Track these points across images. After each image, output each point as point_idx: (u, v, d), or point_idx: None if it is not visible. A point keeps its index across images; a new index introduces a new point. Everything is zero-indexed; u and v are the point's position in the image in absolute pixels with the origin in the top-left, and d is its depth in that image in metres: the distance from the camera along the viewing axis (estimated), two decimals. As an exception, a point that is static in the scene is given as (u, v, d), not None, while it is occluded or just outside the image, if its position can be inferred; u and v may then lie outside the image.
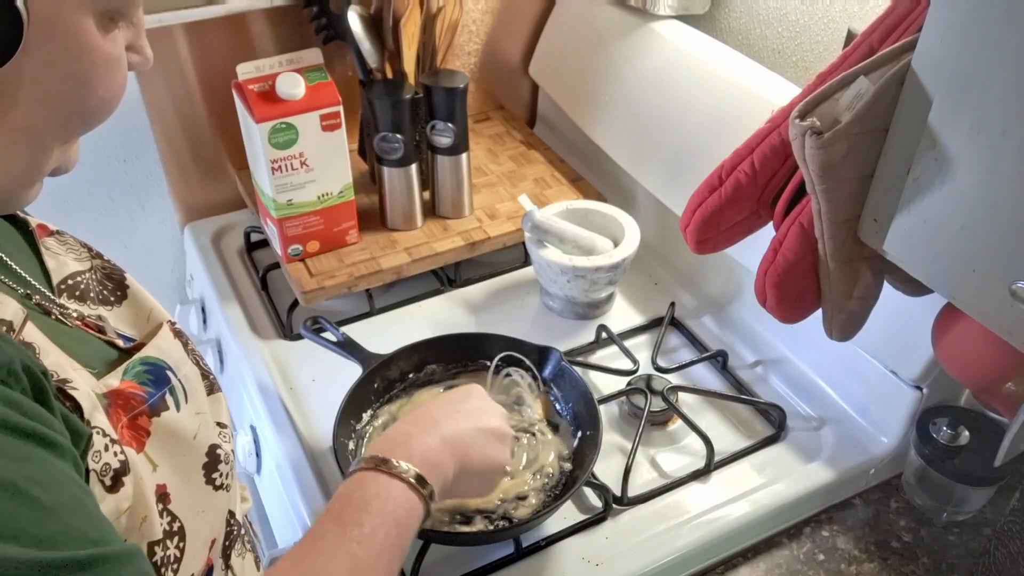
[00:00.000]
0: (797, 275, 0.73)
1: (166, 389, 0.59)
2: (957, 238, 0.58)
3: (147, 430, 0.56)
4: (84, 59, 0.49)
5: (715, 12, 1.18)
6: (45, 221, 0.67)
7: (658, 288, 1.17)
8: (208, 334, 1.21)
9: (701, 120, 1.04)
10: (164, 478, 0.56)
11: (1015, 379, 0.71)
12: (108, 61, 0.51)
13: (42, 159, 0.52)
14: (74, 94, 0.50)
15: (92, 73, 0.50)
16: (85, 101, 0.51)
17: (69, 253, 0.65)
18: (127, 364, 0.57)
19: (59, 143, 0.52)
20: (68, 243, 0.66)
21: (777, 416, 0.96)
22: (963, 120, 0.55)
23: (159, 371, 0.59)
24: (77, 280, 0.63)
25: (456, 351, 0.98)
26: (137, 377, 0.57)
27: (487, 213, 1.18)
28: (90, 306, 0.63)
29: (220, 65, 1.15)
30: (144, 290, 0.69)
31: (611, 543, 0.84)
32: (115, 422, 0.53)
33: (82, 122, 0.52)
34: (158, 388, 0.58)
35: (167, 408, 0.58)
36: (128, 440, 0.54)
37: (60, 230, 0.66)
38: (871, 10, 0.95)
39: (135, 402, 0.56)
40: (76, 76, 0.49)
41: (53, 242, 0.64)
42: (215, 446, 0.62)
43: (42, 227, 0.64)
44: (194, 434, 0.60)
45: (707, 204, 0.79)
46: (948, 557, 0.86)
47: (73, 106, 0.51)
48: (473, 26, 1.33)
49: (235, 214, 1.28)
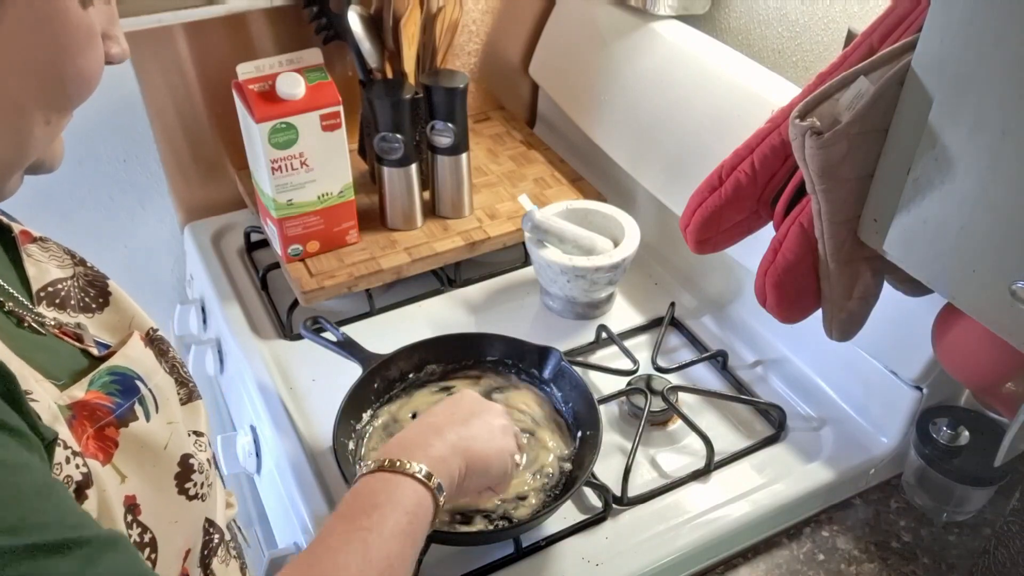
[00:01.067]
0: (797, 275, 0.73)
1: (135, 399, 0.57)
2: (957, 238, 0.58)
3: (115, 441, 0.55)
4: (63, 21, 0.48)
5: (715, 12, 1.18)
6: (44, 221, 0.67)
7: (658, 288, 1.17)
8: (208, 334, 1.21)
9: (701, 120, 1.04)
10: (133, 489, 0.55)
11: (1015, 379, 0.71)
12: (88, 31, 0.50)
13: (24, 137, 0.51)
14: (53, 60, 0.49)
15: (72, 38, 0.49)
16: (64, 68, 0.50)
17: (52, 260, 0.64)
18: (93, 375, 0.56)
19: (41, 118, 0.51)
20: (51, 250, 0.65)
21: (777, 416, 0.96)
22: (963, 120, 0.55)
23: (127, 381, 0.58)
24: (58, 287, 0.62)
25: (456, 351, 0.98)
26: (104, 387, 0.56)
27: (487, 213, 1.18)
28: (70, 314, 0.62)
29: (220, 65, 1.15)
30: (127, 297, 0.68)
31: (611, 543, 0.84)
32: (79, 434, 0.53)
33: (62, 94, 0.51)
34: (126, 398, 0.57)
35: (136, 418, 0.57)
36: (94, 451, 0.53)
37: (44, 236, 0.65)
38: (871, 10, 0.95)
39: (101, 413, 0.55)
40: (54, 40, 0.49)
41: (36, 249, 0.63)
42: (188, 455, 0.61)
43: (25, 233, 0.63)
44: (165, 444, 0.59)
45: (707, 204, 0.79)
46: (948, 557, 0.86)
47: (52, 73, 0.50)
48: (473, 26, 1.33)
49: (235, 214, 1.28)
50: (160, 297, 1.36)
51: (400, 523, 0.61)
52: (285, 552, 0.89)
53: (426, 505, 0.64)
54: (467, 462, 0.70)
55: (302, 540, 0.88)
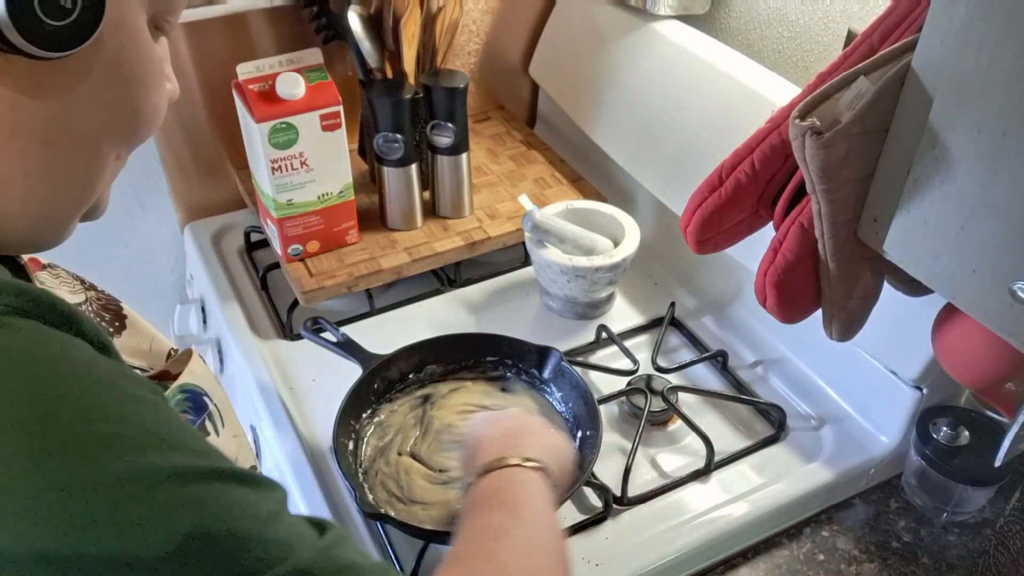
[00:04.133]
0: (797, 275, 0.73)
1: (205, 415, 0.59)
2: (957, 238, 0.58)
3: None
4: (144, 58, 0.49)
5: (715, 12, 1.18)
6: None
7: (658, 288, 1.17)
8: (208, 334, 1.21)
9: (701, 120, 1.04)
10: None
11: (1015, 379, 0.71)
12: (161, 66, 0.51)
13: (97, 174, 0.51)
14: (133, 96, 0.49)
15: (149, 75, 0.50)
16: (142, 105, 0.50)
17: (63, 287, 0.64)
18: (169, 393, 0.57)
19: (113, 154, 0.51)
20: (60, 276, 0.65)
21: (777, 416, 0.96)
22: (963, 120, 0.55)
23: (197, 398, 0.59)
24: None
25: (456, 351, 0.98)
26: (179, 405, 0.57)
27: (487, 213, 1.18)
28: None
29: (220, 65, 1.15)
30: (142, 319, 0.68)
31: (611, 543, 0.84)
32: None
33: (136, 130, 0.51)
34: (198, 415, 0.58)
35: (208, 434, 0.58)
36: None
37: (52, 263, 0.65)
38: (871, 10, 0.95)
39: None
40: (137, 77, 0.49)
41: (46, 276, 0.63)
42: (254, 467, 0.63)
43: (33, 261, 0.63)
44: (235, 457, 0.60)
45: (707, 204, 0.79)
46: (948, 557, 0.86)
47: (131, 110, 0.50)
48: (473, 26, 1.33)
49: (235, 214, 1.28)
50: (160, 297, 1.36)
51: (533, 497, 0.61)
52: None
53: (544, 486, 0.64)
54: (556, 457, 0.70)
55: (302, 540, 0.88)
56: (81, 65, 0.46)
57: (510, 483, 0.64)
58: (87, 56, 0.45)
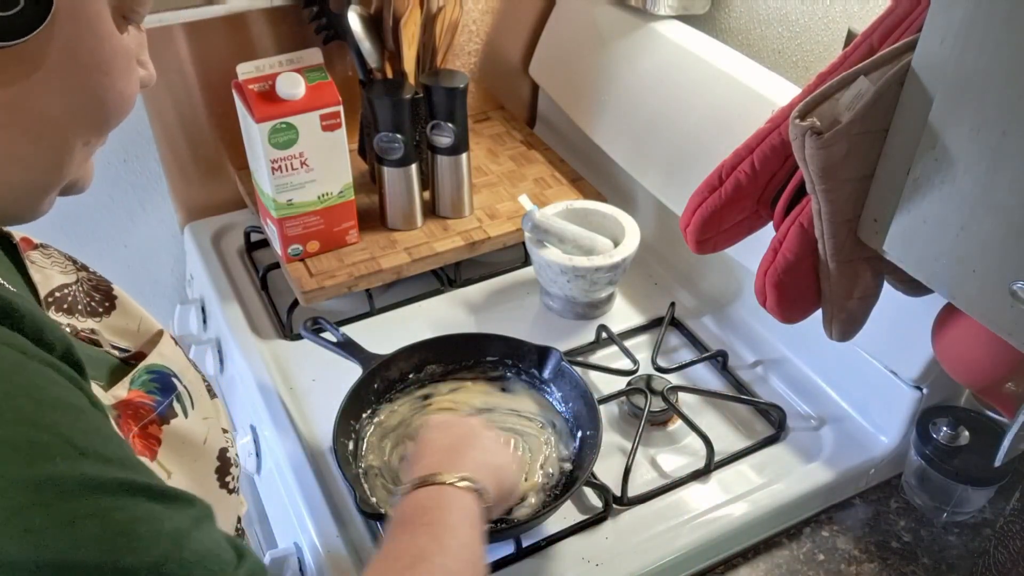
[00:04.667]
0: (797, 275, 0.73)
1: (173, 396, 0.59)
2: (957, 238, 0.58)
3: (158, 438, 0.56)
4: (106, 46, 0.49)
5: (715, 12, 1.18)
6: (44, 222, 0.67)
7: (658, 288, 1.17)
8: (208, 334, 1.21)
9: (701, 120, 1.04)
10: (179, 484, 0.56)
11: (1015, 379, 0.71)
12: (127, 54, 0.51)
13: (64, 158, 0.52)
14: (96, 84, 0.50)
15: (113, 62, 0.50)
16: (106, 92, 0.51)
17: (55, 266, 0.64)
18: (133, 373, 0.57)
19: (79, 141, 0.52)
20: (53, 256, 0.65)
21: (777, 416, 0.96)
22: (963, 120, 0.55)
23: (165, 379, 0.59)
24: (64, 293, 0.63)
25: (456, 351, 0.98)
26: (144, 386, 0.57)
27: (487, 213, 1.18)
28: (79, 319, 0.63)
29: (220, 65, 1.15)
30: (132, 300, 0.68)
31: (611, 543, 0.84)
32: (126, 432, 0.54)
33: (102, 117, 0.52)
34: (165, 396, 0.58)
35: (176, 415, 0.58)
36: (141, 449, 0.54)
37: (44, 243, 0.65)
38: (871, 10, 0.95)
39: (144, 411, 0.56)
40: (98, 64, 0.49)
41: (38, 255, 0.64)
42: (224, 449, 0.62)
43: (26, 240, 0.63)
44: (204, 439, 0.60)
45: (707, 204, 0.79)
46: (948, 557, 0.86)
47: (94, 97, 0.50)
48: (473, 26, 1.33)
49: (235, 214, 1.28)
50: (160, 297, 1.36)
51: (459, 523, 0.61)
52: (285, 552, 0.89)
53: (475, 509, 0.64)
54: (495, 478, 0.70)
55: (302, 540, 0.88)
56: (36, 53, 0.46)
57: (439, 504, 0.63)
58: (41, 44, 0.46)
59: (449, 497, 0.64)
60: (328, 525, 0.85)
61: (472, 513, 0.64)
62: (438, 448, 0.71)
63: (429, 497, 0.64)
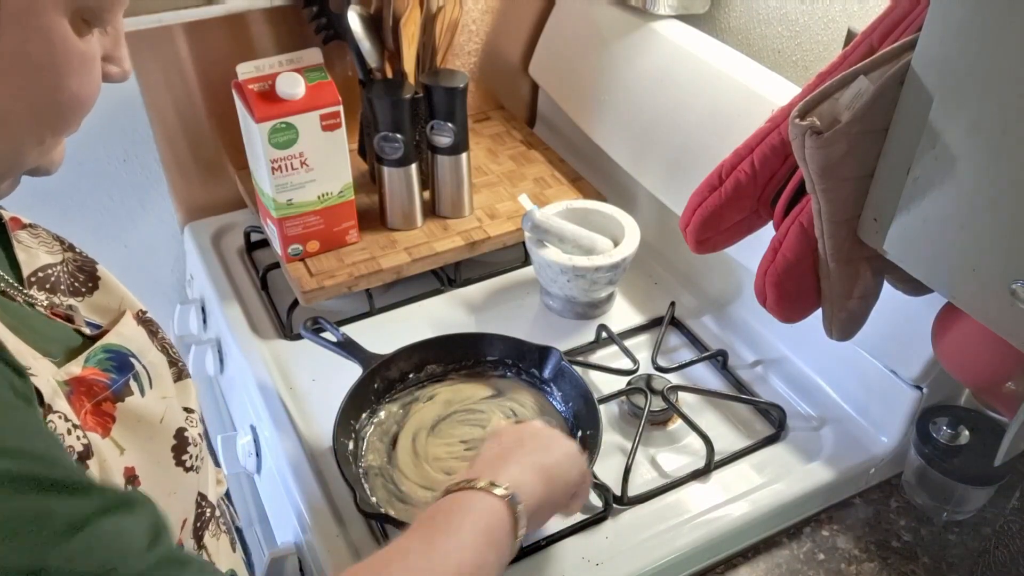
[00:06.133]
0: (797, 275, 0.73)
1: (130, 375, 0.60)
2: (957, 238, 0.58)
3: (112, 416, 0.57)
4: (56, 50, 0.49)
5: (715, 12, 1.18)
6: (43, 221, 0.67)
7: (658, 288, 1.17)
8: (208, 334, 1.21)
9: (701, 120, 1.04)
10: (132, 461, 0.57)
11: (1015, 379, 0.71)
12: (82, 58, 0.51)
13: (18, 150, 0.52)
14: (46, 85, 0.50)
15: (65, 66, 0.50)
16: (57, 93, 0.51)
17: (41, 246, 0.65)
18: (88, 352, 0.58)
19: (33, 138, 0.52)
20: (41, 236, 0.66)
21: (777, 416, 0.96)
22: (963, 119, 0.55)
23: (122, 358, 0.60)
24: (48, 272, 0.64)
25: (456, 351, 0.98)
26: (99, 364, 0.58)
27: (487, 213, 1.18)
28: (60, 297, 0.64)
29: (220, 65, 1.15)
30: (116, 280, 0.69)
31: (611, 543, 0.84)
32: (78, 408, 0.54)
33: (56, 116, 0.52)
34: (121, 374, 0.59)
35: (131, 393, 0.59)
36: (93, 426, 0.55)
37: (33, 223, 0.66)
38: (871, 10, 0.95)
39: (98, 388, 0.57)
40: (48, 66, 0.50)
41: (25, 235, 0.65)
42: (182, 429, 0.63)
43: (15, 220, 0.65)
44: (160, 418, 0.61)
45: (707, 204, 0.79)
46: (948, 557, 0.86)
47: (45, 97, 0.51)
48: (473, 26, 1.33)
49: (235, 214, 1.28)
50: (160, 297, 1.36)
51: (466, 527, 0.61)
52: (285, 552, 0.89)
53: (501, 515, 0.63)
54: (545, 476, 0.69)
55: (302, 540, 0.88)
56: None
57: (456, 508, 0.63)
58: None
59: (470, 501, 0.63)
60: (328, 525, 0.85)
61: (491, 518, 0.62)
62: (487, 457, 0.70)
63: (451, 501, 0.64)
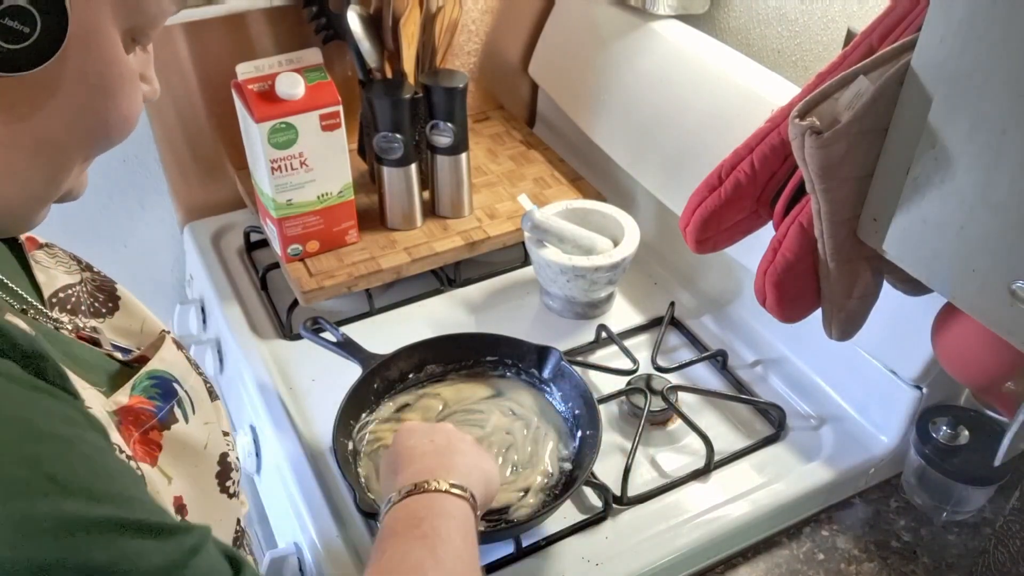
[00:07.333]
0: (797, 275, 0.73)
1: (174, 401, 0.59)
2: (957, 238, 0.58)
3: (159, 444, 0.56)
4: (113, 71, 0.50)
5: (715, 12, 1.18)
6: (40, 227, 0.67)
7: (658, 288, 1.17)
8: (208, 334, 1.21)
9: (701, 120, 1.04)
10: (180, 490, 0.56)
11: (1015, 379, 0.71)
12: (132, 77, 0.52)
13: (61, 175, 0.52)
14: (100, 107, 0.50)
15: (119, 87, 0.51)
16: (109, 115, 0.51)
17: (59, 266, 0.64)
18: (135, 380, 0.57)
19: (80, 159, 0.53)
20: (57, 255, 0.65)
21: (777, 416, 0.96)
22: (962, 120, 0.55)
23: (166, 384, 0.59)
24: (68, 293, 0.63)
25: (456, 351, 0.98)
26: (145, 392, 0.57)
27: (487, 213, 1.18)
28: (82, 319, 0.62)
29: (220, 65, 1.15)
30: (136, 300, 0.68)
31: (611, 543, 0.84)
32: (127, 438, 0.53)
33: (104, 137, 0.52)
34: (166, 401, 0.58)
35: (176, 420, 0.58)
36: (141, 455, 0.54)
37: (49, 243, 0.66)
38: (871, 10, 0.95)
39: (144, 417, 0.56)
40: (104, 88, 0.50)
41: (42, 255, 0.64)
42: (225, 454, 0.62)
43: (31, 240, 0.63)
44: (204, 444, 0.60)
45: (707, 204, 0.79)
46: (948, 557, 0.86)
47: (98, 119, 0.51)
48: (473, 26, 1.33)
49: (235, 214, 1.28)
50: (160, 297, 1.36)
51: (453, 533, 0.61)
52: (285, 552, 0.89)
53: (471, 516, 0.64)
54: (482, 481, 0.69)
55: (302, 540, 0.88)
56: (46, 80, 0.47)
57: (432, 512, 0.63)
58: (51, 71, 0.46)
59: (442, 504, 0.64)
60: (328, 525, 0.85)
61: (466, 521, 0.63)
62: (423, 454, 0.70)
63: (422, 505, 0.64)
